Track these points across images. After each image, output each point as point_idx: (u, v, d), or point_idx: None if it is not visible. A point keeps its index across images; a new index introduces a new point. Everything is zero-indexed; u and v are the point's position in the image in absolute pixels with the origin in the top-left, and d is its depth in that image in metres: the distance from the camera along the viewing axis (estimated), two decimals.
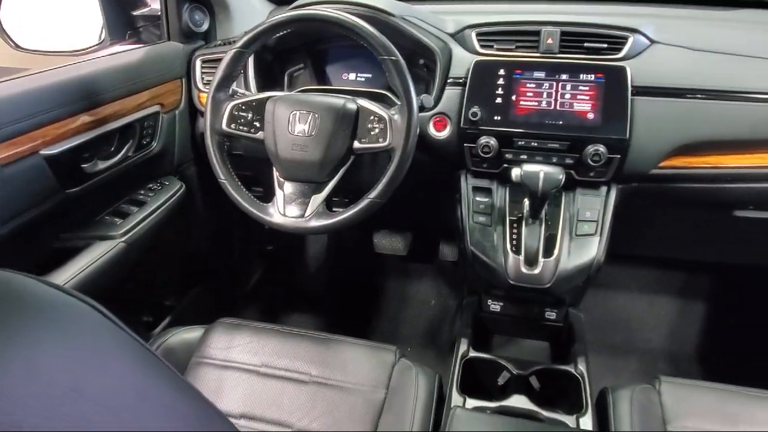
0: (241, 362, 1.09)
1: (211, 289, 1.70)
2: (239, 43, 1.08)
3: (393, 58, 1.02)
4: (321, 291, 1.93)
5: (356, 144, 1.06)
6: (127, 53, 1.31)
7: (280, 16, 1.06)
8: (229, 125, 1.10)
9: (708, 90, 1.09)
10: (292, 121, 1.06)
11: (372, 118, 1.05)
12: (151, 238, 1.28)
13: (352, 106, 1.06)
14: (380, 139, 1.04)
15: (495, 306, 1.27)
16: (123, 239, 1.19)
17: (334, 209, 1.11)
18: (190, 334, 1.16)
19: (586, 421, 0.99)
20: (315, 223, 1.06)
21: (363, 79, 1.41)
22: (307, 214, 1.07)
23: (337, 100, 1.06)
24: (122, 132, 1.23)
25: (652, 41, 1.15)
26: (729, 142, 1.10)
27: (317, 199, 1.07)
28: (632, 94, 1.09)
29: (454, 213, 1.21)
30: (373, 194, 1.03)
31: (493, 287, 1.24)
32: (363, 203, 1.04)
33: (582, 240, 1.09)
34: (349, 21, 1.02)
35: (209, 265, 1.70)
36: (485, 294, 1.27)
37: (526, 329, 1.32)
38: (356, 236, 1.93)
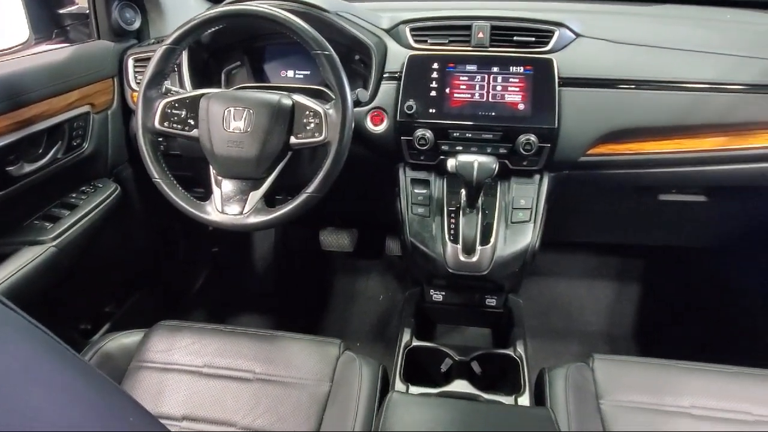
0: (183, 364, 1.07)
1: (154, 293, 1.66)
2: (169, 40, 1.06)
3: (326, 52, 1.03)
4: (269, 290, 1.91)
5: (293, 139, 1.06)
6: (54, 52, 1.26)
7: (210, 11, 1.04)
8: (161, 123, 1.08)
9: (629, 80, 1.15)
10: (227, 118, 1.05)
11: (307, 113, 1.05)
12: (85, 243, 1.24)
13: (287, 101, 1.06)
14: (316, 134, 1.04)
15: (437, 296, 1.29)
16: (53, 244, 1.15)
17: (276, 206, 1.10)
18: (128, 338, 1.13)
19: (524, 401, 1.02)
20: (254, 219, 1.05)
21: (301, 76, 1.41)
22: (245, 210, 1.06)
23: (272, 96, 1.06)
24: (50, 133, 1.18)
25: (578, 35, 1.20)
26: (650, 129, 1.16)
27: (255, 195, 1.07)
28: (559, 85, 1.13)
29: (394, 206, 1.22)
30: (310, 189, 1.04)
31: (435, 277, 1.26)
32: (301, 198, 1.04)
33: (517, 227, 1.13)
34: (280, 16, 1.02)
35: (152, 268, 1.66)
36: (427, 284, 1.30)
37: (468, 317, 1.35)
38: (303, 235, 1.92)
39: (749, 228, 1.45)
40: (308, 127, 1.05)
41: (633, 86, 1.15)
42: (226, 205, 1.07)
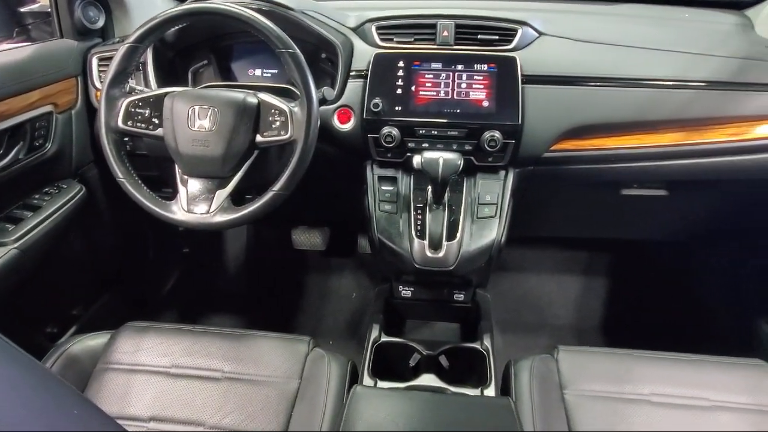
0: (150, 365, 1.06)
1: (123, 294, 1.64)
2: (131, 38, 1.05)
3: (291, 50, 1.03)
4: (241, 290, 1.91)
5: (258, 138, 1.06)
6: (14, 51, 1.24)
7: (173, 9, 1.04)
8: (125, 122, 1.07)
9: (590, 77, 1.18)
10: (192, 117, 1.05)
11: (273, 111, 1.05)
12: (49, 245, 1.22)
13: (252, 100, 1.06)
14: (282, 132, 1.04)
15: (406, 292, 1.31)
16: (15, 246, 1.13)
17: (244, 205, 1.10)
18: (95, 340, 1.12)
19: (490, 392, 1.04)
20: (220, 218, 1.05)
21: (269, 75, 1.41)
22: (211, 209, 1.06)
23: (238, 95, 1.06)
24: (11, 133, 1.16)
25: (540, 33, 1.22)
26: (610, 125, 1.18)
27: (222, 194, 1.06)
28: (522, 83, 1.15)
29: (362, 203, 1.23)
30: (277, 187, 1.04)
31: (402, 273, 1.27)
32: (267, 196, 1.04)
33: (483, 222, 1.15)
34: (244, 14, 1.02)
35: (121, 269, 1.64)
36: (396, 281, 1.31)
37: (437, 312, 1.37)
38: (275, 234, 1.92)
39: (708, 221, 1.49)
40: (274, 126, 1.05)
41: (594, 83, 1.18)
42: (193, 205, 1.07)
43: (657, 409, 0.96)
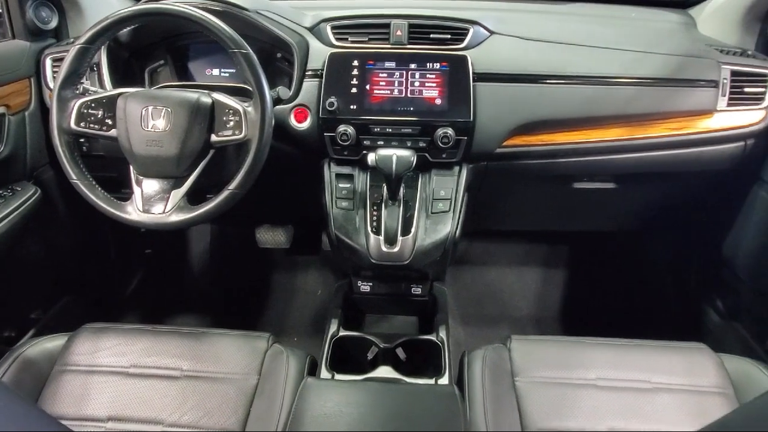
0: (108, 365, 1.06)
1: (84, 297, 1.62)
2: (83, 39, 1.05)
3: (243, 51, 1.04)
4: (205, 290, 1.90)
5: (213, 137, 1.07)
6: None
7: (123, 10, 1.04)
8: (77, 124, 1.07)
9: (540, 75, 1.22)
10: (146, 117, 1.05)
11: (227, 111, 1.06)
12: (4, 248, 1.21)
13: (206, 99, 1.06)
14: (236, 132, 1.06)
15: (365, 287, 1.33)
16: None
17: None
18: (52, 343, 1.12)
19: (444, 382, 1.07)
20: (175, 218, 1.05)
21: (227, 75, 1.42)
22: (167, 209, 1.06)
23: (191, 95, 1.06)
24: None
25: (491, 32, 1.26)
26: (559, 121, 1.23)
27: (177, 194, 1.07)
28: (474, 80, 1.19)
29: (320, 200, 1.25)
30: (232, 185, 1.05)
31: (360, 268, 1.30)
32: (223, 195, 1.05)
33: (437, 217, 1.18)
34: (195, 15, 1.03)
35: (80, 272, 1.62)
36: (355, 276, 1.33)
37: (396, 306, 1.40)
38: (239, 233, 1.92)
39: (656, 212, 1.55)
40: (228, 125, 1.06)
41: (543, 81, 1.22)
42: (148, 205, 1.07)
43: (602, 392, 1.01)
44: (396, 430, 0.65)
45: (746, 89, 1.23)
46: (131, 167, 1.09)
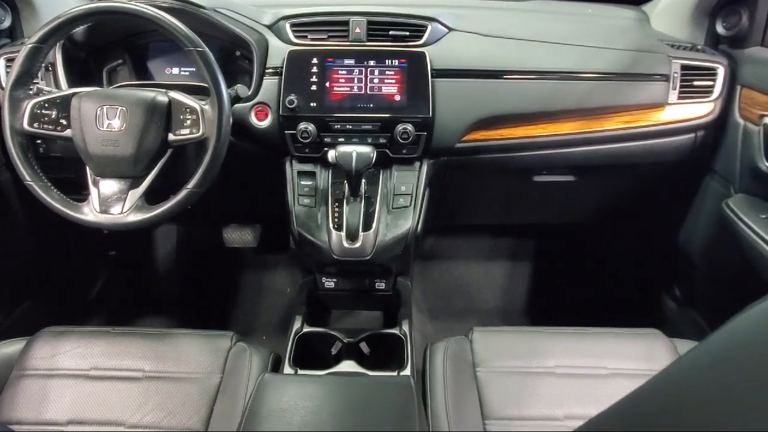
0: (68, 368, 1.05)
1: (46, 301, 1.59)
2: (34, 38, 1.03)
3: (199, 49, 1.04)
4: (172, 291, 1.89)
5: (170, 136, 1.06)
6: None
7: (75, 9, 1.02)
8: (31, 124, 1.05)
9: (497, 71, 1.24)
10: (101, 117, 1.04)
11: (184, 109, 1.06)
12: None
13: (163, 98, 1.06)
14: (194, 130, 1.05)
15: (329, 283, 1.34)
16: None
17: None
18: (9, 348, 1.10)
19: (406, 374, 1.09)
20: (133, 218, 1.05)
21: (187, 73, 1.40)
22: (125, 209, 1.05)
23: (147, 93, 1.06)
24: None
25: (450, 29, 1.27)
26: (517, 116, 1.25)
27: (135, 193, 1.06)
28: (432, 77, 1.20)
29: (283, 198, 1.25)
30: (191, 184, 1.05)
31: (323, 264, 1.30)
32: (181, 194, 1.05)
33: (398, 212, 1.19)
34: (149, 13, 1.02)
35: (41, 275, 1.59)
36: (319, 272, 1.34)
37: (360, 301, 1.41)
38: (206, 233, 1.91)
39: (614, 203, 1.59)
40: (185, 124, 1.06)
41: (500, 76, 1.24)
42: (105, 205, 1.06)
43: (561, 380, 1.03)
44: (351, 420, 0.66)
45: (696, 83, 1.27)
46: (87, 168, 1.08)
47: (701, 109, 1.28)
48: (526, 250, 1.94)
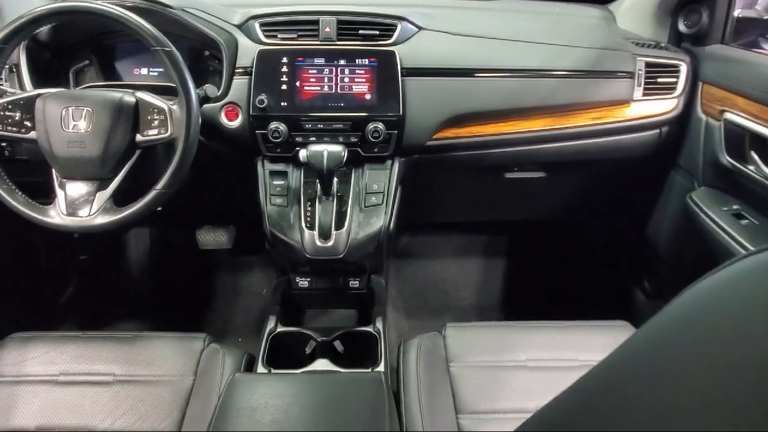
0: (36, 374, 1.04)
1: (14, 307, 1.56)
2: None
3: (166, 49, 1.03)
4: (146, 295, 1.86)
5: (138, 137, 1.05)
6: None
7: (38, 9, 1.01)
8: None
9: (467, 69, 1.25)
10: (66, 118, 1.02)
11: (152, 109, 1.05)
12: None
13: (130, 99, 1.05)
14: (162, 131, 1.04)
15: (303, 282, 1.34)
16: None
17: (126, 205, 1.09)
18: None
19: (381, 371, 1.10)
20: (101, 220, 1.03)
21: (156, 74, 1.39)
22: (92, 212, 1.04)
23: (114, 94, 1.05)
24: None
25: (420, 28, 1.28)
26: (487, 113, 1.26)
27: (103, 195, 1.05)
28: (402, 75, 1.21)
29: (255, 198, 1.25)
30: (159, 185, 1.04)
31: (297, 264, 1.30)
32: (150, 195, 1.04)
33: (370, 211, 1.20)
34: (114, 12, 1.01)
35: (9, 281, 1.56)
36: (293, 272, 1.34)
37: (334, 300, 1.41)
38: (179, 235, 1.88)
39: (585, 198, 1.62)
40: (153, 124, 1.05)
41: (470, 74, 1.25)
42: (73, 208, 1.04)
43: (532, 372, 1.05)
44: (322, 417, 0.66)
45: (659, 79, 1.30)
46: (53, 170, 1.06)
47: (665, 106, 1.31)
48: (499, 247, 1.96)
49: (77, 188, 1.05)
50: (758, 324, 0.30)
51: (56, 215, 1.04)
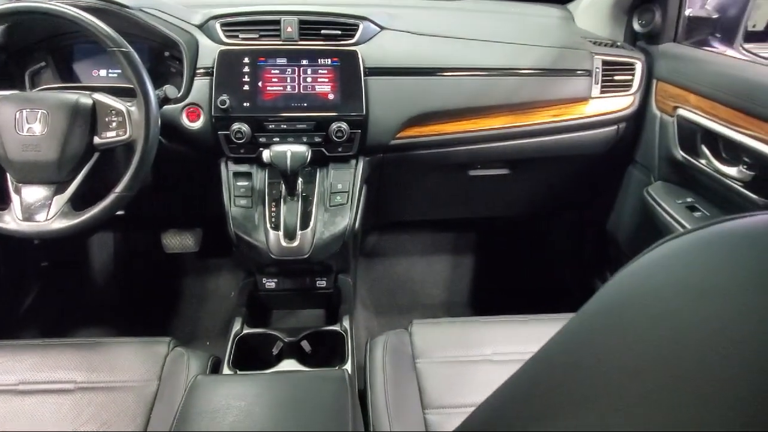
0: None
1: None
2: None
3: (123, 49, 1.01)
4: (111, 301, 1.82)
5: (96, 139, 1.04)
6: None
7: None
8: None
9: (429, 68, 1.26)
10: (20, 121, 1.00)
11: (110, 111, 1.03)
12: None
13: (87, 101, 1.03)
14: (120, 133, 1.03)
15: (270, 283, 1.33)
16: None
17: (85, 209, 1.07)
18: None
19: (347, 369, 1.10)
20: (59, 224, 1.01)
21: (115, 75, 1.37)
22: (49, 216, 1.02)
23: (70, 96, 1.03)
24: None
25: (382, 27, 1.29)
26: (449, 112, 1.28)
27: (61, 199, 1.03)
28: (365, 75, 1.21)
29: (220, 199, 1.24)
30: (119, 188, 1.02)
31: (262, 265, 1.30)
32: (109, 198, 1.02)
33: (335, 210, 1.20)
34: (69, 12, 0.99)
35: None
36: (259, 273, 1.33)
37: (302, 300, 1.41)
38: (144, 239, 1.85)
39: (548, 194, 1.65)
40: (111, 126, 1.03)
41: (432, 73, 1.26)
42: (29, 213, 1.02)
43: (496, 366, 1.06)
44: (284, 416, 0.66)
45: (616, 77, 1.33)
46: (8, 174, 1.04)
47: (622, 102, 1.34)
48: (467, 244, 1.98)
49: (33, 192, 1.03)
50: (675, 303, 0.32)
51: (11, 220, 1.01)
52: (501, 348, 1.10)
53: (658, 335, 0.31)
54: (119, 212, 1.06)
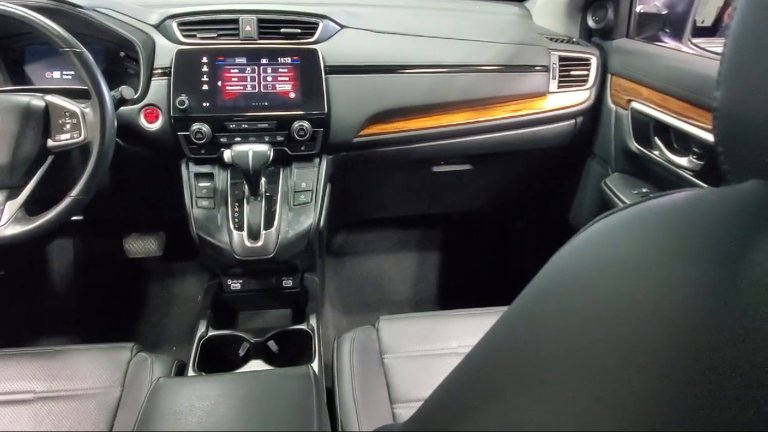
0: None
1: None
2: None
3: (76, 50, 0.99)
4: (72, 310, 1.77)
5: (50, 142, 1.01)
6: None
7: None
8: None
9: (389, 66, 1.27)
10: None
11: (64, 113, 1.01)
12: None
13: (38, 103, 1.00)
14: (75, 135, 1.00)
15: (235, 284, 1.32)
16: None
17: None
18: None
19: (314, 367, 1.10)
20: (12, 230, 0.98)
21: (69, 77, 1.33)
22: (2, 222, 0.99)
23: (21, 98, 1.00)
24: None
25: (342, 26, 1.29)
26: (410, 108, 1.29)
27: (13, 204, 1.00)
28: (326, 73, 1.21)
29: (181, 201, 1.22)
30: (75, 192, 1.00)
31: (226, 266, 1.28)
32: (65, 202, 0.99)
33: (299, 209, 1.20)
34: (18, 12, 0.96)
35: None
36: (224, 275, 1.32)
37: (268, 300, 1.40)
38: (105, 244, 1.81)
39: (511, 188, 1.68)
40: (65, 128, 1.01)
41: (393, 71, 1.27)
42: None
43: (462, 358, 1.08)
44: (248, 414, 0.66)
45: (572, 72, 1.37)
46: None
47: (578, 97, 1.38)
48: (433, 240, 2.00)
49: None
50: (603, 282, 0.33)
51: None
52: (466, 341, 1.11)
53: (585, 314, 0.32)
54: (77, 217, 1.04)
